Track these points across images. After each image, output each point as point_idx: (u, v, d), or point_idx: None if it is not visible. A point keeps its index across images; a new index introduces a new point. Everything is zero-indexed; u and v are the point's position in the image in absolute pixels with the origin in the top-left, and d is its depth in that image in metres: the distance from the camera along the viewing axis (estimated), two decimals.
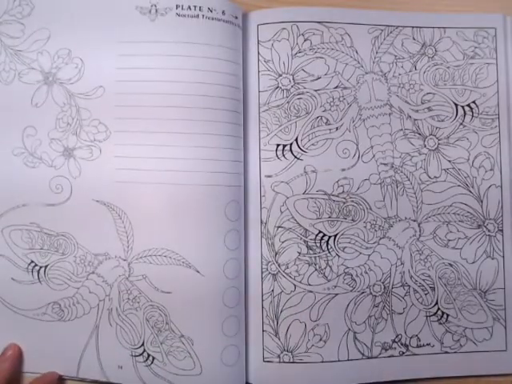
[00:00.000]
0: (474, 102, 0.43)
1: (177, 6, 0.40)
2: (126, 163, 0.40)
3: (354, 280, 0.41)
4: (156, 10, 0.40)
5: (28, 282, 0.40)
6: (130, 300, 0.39)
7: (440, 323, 0.42)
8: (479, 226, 0.43)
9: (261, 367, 0.41)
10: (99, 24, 0.40)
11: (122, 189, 0.40)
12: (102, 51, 0.40)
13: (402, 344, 0.42)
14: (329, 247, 0.41)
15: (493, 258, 0.43)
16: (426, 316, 0.42)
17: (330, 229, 0.41)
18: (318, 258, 0.41)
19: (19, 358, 0.40)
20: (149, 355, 0.39)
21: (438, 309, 0.42)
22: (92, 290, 0.40)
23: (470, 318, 0.42)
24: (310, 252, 0.41)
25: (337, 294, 0.41)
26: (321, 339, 0.41)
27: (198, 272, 0.39)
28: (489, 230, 0.43)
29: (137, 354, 0.39)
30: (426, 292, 0.42)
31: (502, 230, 0.43)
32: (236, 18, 0.41)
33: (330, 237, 0.41)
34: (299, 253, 0.41)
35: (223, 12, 0.41)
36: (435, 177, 0.42)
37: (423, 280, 0.42)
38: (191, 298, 0.39)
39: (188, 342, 0.39)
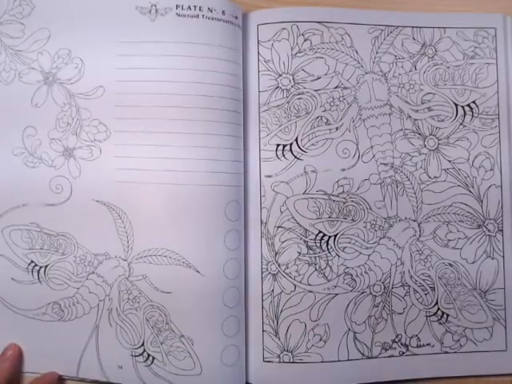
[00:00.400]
0: (474, 102, 0.43)
1: (177, 6, 0.40)
2: (126, 163, 0.40)
3: (354, 280, 0.41)
4: (156, 10, 0.40)
5: (28, 282, 0.40)
6: (129, 300, 0.40)
7: (440, 323, 0.42)
8: (479, 226, 0.43)
9: (261, 367, 0.41)
10: (99, 24, 0.40)
11: (122, 189, 0.40)
12: (102, 51, 0.40)
13: (401, 344, 0.42)
14: (329, 247, 0.41)
15: (493, 258, 0.43)
16: (426, 316, 0.42)
17: (330, 229, 0.41)
18: (317, 258, 0.41)
19: (19, 357, 0.40)
20: (149, 355, 0.39)
21: (438, 309, 0.42)
22: (92, 290, 0.40)
23: (470, 318, 0.42)
24: (310, 252, 0.41)
25: (337, 294, 0.41)
26: (321, 339, 0.41)
27: (198, 272, 0.39)
28: (489, 230, 0.43)
29: (137, 354, 0.39)
30: (426, 292, 0.42)
31: (501, 230, 0.43)
32: (236, 17, 0.41)
33: (330, 237, 0.41)
34: (299, 253, 0.41)
35: (223, 12, 0.41)
36: (435, 177, 0.42)
37: (423, 280, 0.42)
38: (191, 298, 0.39)
39: (188, 341, 0.39)
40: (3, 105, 0.40)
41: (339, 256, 0.41)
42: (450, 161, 0.43)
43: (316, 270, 0.41)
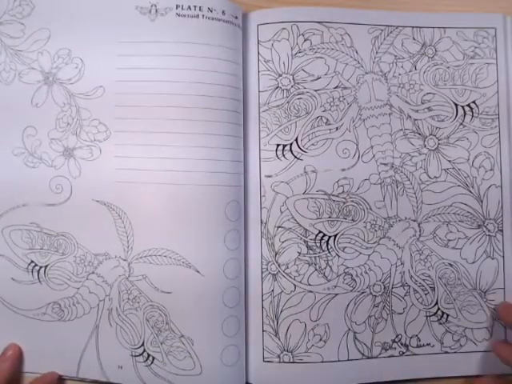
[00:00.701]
0: (474, 102, 0.43)
1: (177, 6, 0.40)
2: (126, 163, 0.40)
3: (354, 280, 0.41)
4: (156, 10, 0.40)
5: (28, 282, 0.40)
6: (129, 300, 0.40)
7: (440, 323, 0.42)
8: (479, 226, 0.43)
9: (261, 367, 0.41)
10: (99, 24, 0.41)
11: (122, 189, 0.40)
12: (102, 51, 0.40)
13: (402, 344, 0.42)
14: (329, 247, 0.41)
15: (493, 258, 0.43)
16: (426, 316, 0.42)
17: (330, 229, 0.41)
18: (317, 258, 0.41)
19: (19, 357, 0.40)
20: (149, 355, 0.39)
21: (438, 309, 0.42)
22: (92, 290, 0.40)
23: (470, 318, 0.42)
24: (310, 252, 0.41)
25: (337, 294, 0.41)
26: (321, 339, 0.41)
27: (198, 272, 0.39)
28: (489, 230, 0.43)
29: (137, 354, 0.40)
30: (426, 292, 0.42)
31: (501, 230, 0.43)
32: (236, 18, 0.41)
33: (330, 237, 0.41)
34: (299, 253, 0.41)
35: (223, 12, 0.41)
36: (435, 177, 0.43)
37: (423, 280, 0.42)
38: (191, 298, 0.39)
39: (188, 341, 0.39)
40: (3, 105, 0.40)
41: (339, 256, 0.41)
42: (450, 161, 0.43)
43: (316, 270, 0.41)
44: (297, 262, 0.41)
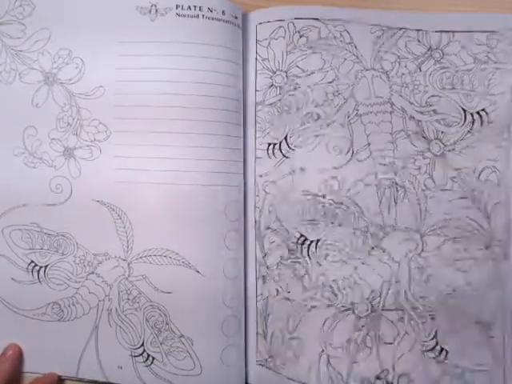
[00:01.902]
0: (483, 109, 0.41)
1: (177, 6, 0.41)
2: (126, 163, 0.41)
3: (335, 294, 0.39)
4: (156, 10, 0.41)
5: (28, 282, 0.41)
6: (129, 300, 0.41)
7: (438, 361, 0.37)
8: (487, 247, 0.39)
9: (259, 368, 0.41)
10: (99, 24, 0.42)
11: (122, 189, 0.41)
12: (103, 51, 0.41)
13: (387, 383, 0.38)
14: (309, 253, 0.40)
15: (497, 287, 0.39)
16: (423, 351, 0.38)
17: (313, 232, 0.40)
18: (297, 264, 0.40)
19: (19, 358, 0.41)
20: (148, 355, 0.40)
21: (437, 343, 0.38)
22: (92, 290, 0.41)
23: (471, 358, 0.37)
24: (292, 256, 0.40)
25: (313, 307, 0.39)
26: (294, 354, 0.39)
27: (198, 272, 0.40)
28: (495, 253, 0.39)
29: (136, 354, 0.41)
30: (423, 320, 0.38)
31: (508, 255, 0.39)
32: (236, 17, 0.42)
33: (311, 241, 0.40)
34: (281, 257, 0.41)
35: (223, 12, 0.41)
36: (442, 184, 0.40)
37: (422, 305, 0.38)
38: (191, 298, 0.40)
39: (188, 342, 0.40)
40: (4, 105, 0.42)
41: (320, 264, 0.40)
42: (455, 169, 0.40)
43: (295, 276, 0.40)
44: (279, 266, 0.41)
